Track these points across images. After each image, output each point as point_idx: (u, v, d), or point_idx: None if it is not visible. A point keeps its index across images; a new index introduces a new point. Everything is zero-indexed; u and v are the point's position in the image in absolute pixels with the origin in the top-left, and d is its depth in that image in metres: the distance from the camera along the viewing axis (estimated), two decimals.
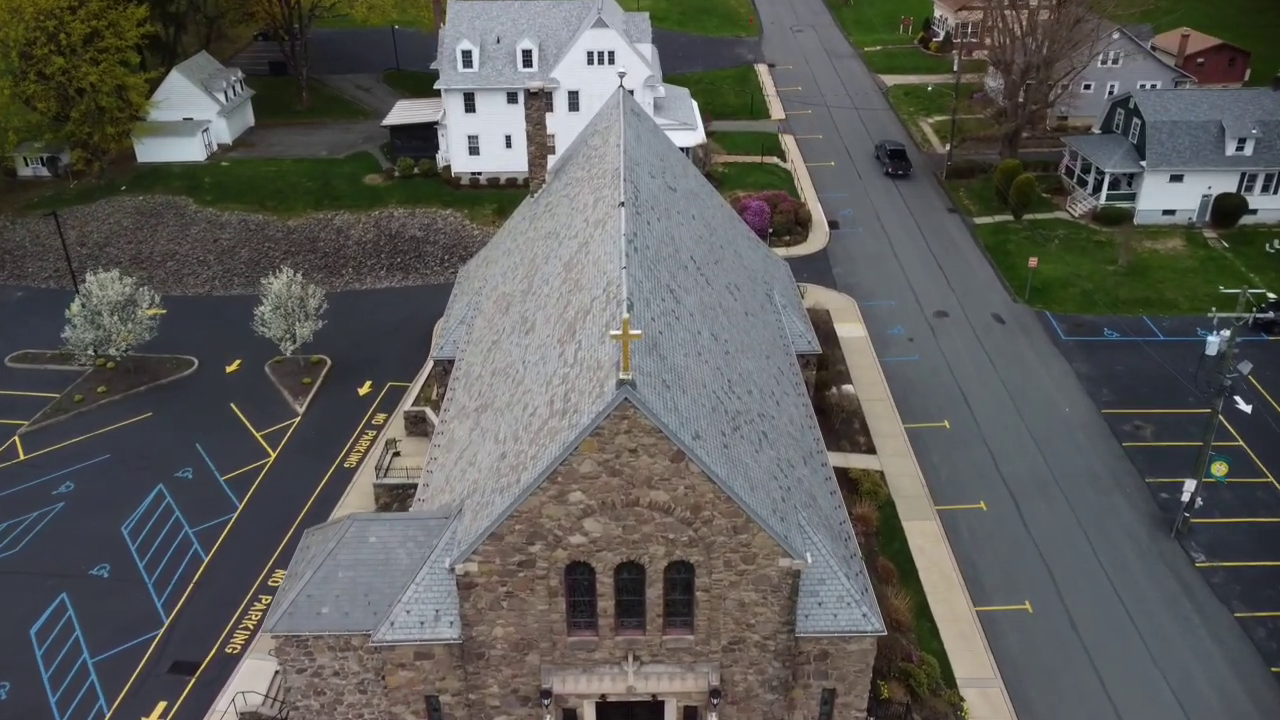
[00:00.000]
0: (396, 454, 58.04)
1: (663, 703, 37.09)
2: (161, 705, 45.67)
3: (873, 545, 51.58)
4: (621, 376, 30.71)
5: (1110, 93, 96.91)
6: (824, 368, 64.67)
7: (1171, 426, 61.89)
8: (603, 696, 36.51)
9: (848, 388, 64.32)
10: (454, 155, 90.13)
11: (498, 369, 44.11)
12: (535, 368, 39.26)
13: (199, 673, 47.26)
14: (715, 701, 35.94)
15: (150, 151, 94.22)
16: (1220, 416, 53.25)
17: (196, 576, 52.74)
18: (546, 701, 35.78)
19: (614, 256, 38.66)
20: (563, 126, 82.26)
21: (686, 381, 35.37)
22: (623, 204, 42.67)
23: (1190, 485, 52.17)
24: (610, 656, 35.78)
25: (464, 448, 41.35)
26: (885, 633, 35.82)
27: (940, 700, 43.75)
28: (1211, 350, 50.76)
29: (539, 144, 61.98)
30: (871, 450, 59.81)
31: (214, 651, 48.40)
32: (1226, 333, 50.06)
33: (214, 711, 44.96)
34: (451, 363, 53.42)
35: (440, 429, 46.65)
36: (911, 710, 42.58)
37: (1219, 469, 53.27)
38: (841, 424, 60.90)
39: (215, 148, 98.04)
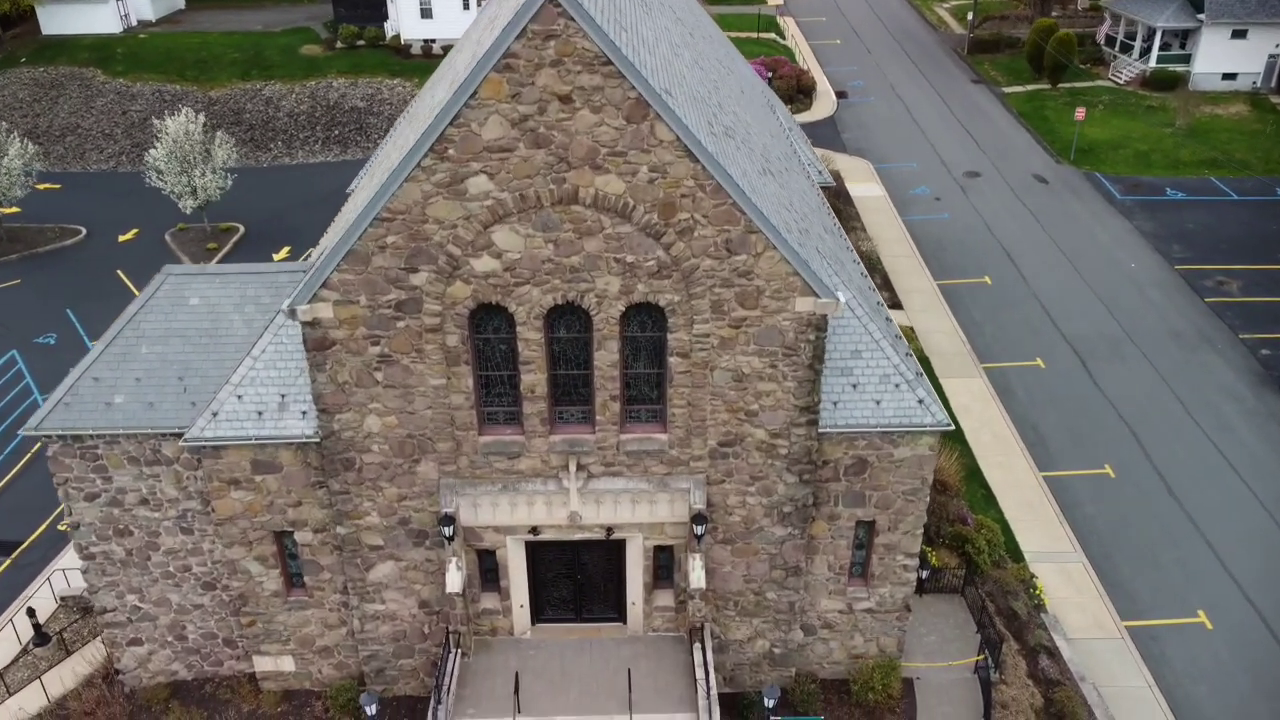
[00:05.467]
0: None
1: (622, 541, 25.35)
2: None
3: None
4: None
5: None
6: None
7: (1262, 283, 50.50)
8: (533, 530, 24.76)
9: (866, 244, 52.84)
10: (403, 20, 78.22)
11: (411, 124, 32.35)
12: (447, 85, 27.49)
13: (16, 554, 35.74)
14: (699, 534, 24.17)
15: (56, 21, 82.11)
16: None
17: (36, 448, 41.03)
18: (448, 533, 23.99)
19: None
20: None
21: (658, 56, 23.64)
22: None
23: None
24: (543, 467, 23.99)
25: (352, 208, 29.63)
26: (950, 427, 24.13)
27: (1006, 574, 32.19)
28: None
29: None
30: (897, 305, 48.33)
31: (41, 529, 36.86)
32: None
33: (24, 596, 33.40)
34: None
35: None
36: (972, 581, 30.98)
37: None
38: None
39: (135, 22, 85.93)
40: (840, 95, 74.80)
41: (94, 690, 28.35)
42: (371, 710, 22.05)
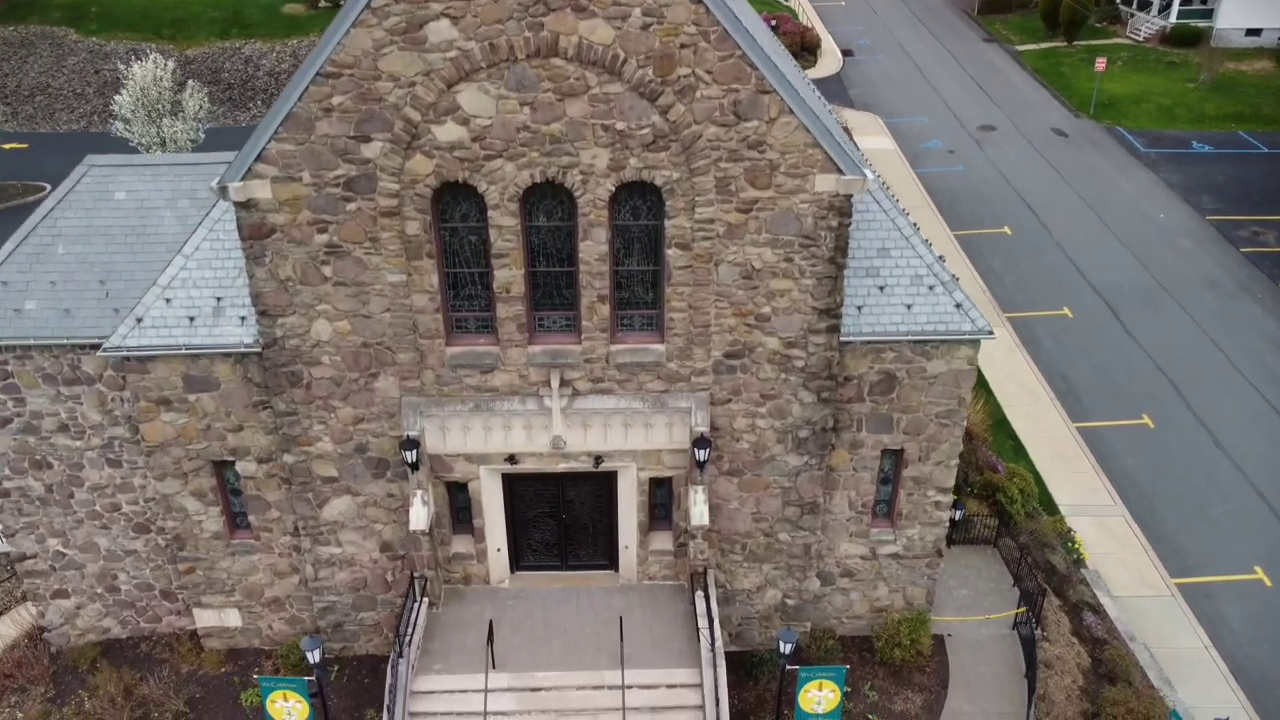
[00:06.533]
0: None
1: (613, 473, 22.07)
2: None
3: None
4: None
5: None
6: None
7: None
8: (511, 459, 21.49)
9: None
10: None
11: None
12: None
13: None
14: (702, 460, 20.90)
15: None
16: None
17: None
18: (411, 459, 20.71)
19: None
20: None
21: None
22: None
23: None
24: (521, 383, 20.72)
25: None
26: (992, 335, 20.91)
27: (1041, 525, 28.96)
28: None
29: None
30: None
31: None
32: None
33: None
34: None
35: None
36: (1005, 532, 27.77)
37: None
38: None
39: None
40: (846, 53, 71.59)
41: (17, 652, 25.09)
42: (315, 658, 18.78)
